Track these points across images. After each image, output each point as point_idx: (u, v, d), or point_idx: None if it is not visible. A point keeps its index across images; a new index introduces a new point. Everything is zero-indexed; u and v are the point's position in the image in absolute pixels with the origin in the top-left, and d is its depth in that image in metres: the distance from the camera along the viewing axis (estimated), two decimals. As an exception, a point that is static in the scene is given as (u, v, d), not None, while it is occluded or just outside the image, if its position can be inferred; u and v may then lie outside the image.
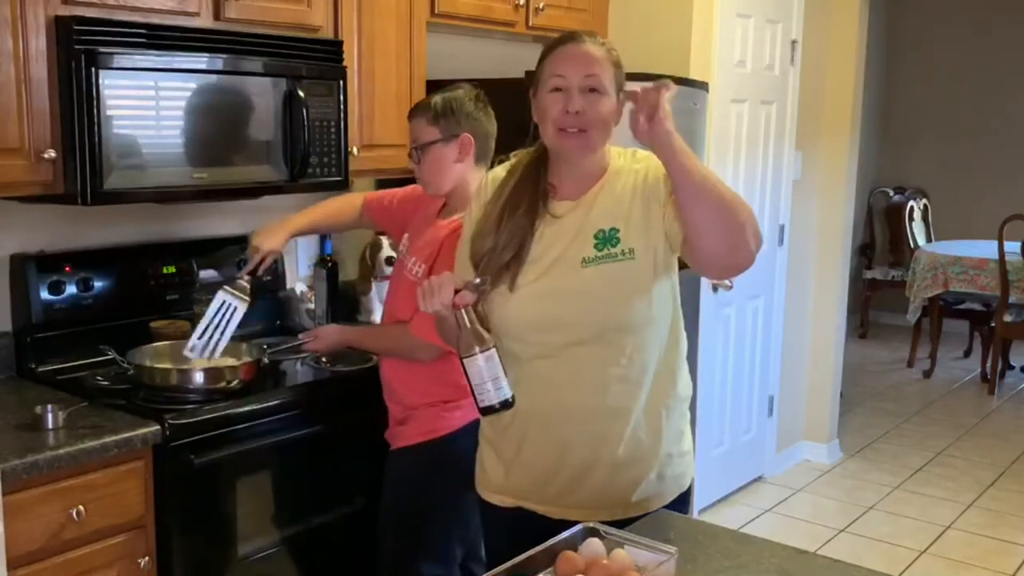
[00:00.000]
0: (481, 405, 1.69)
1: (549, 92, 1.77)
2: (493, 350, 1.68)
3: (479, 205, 1.91)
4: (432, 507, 2.39)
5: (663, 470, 1.87)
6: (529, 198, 1.83)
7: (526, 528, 1.85)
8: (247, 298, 2.43)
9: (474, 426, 2.33)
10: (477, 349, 1.67)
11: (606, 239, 1.77)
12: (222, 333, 2.40)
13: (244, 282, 2.46)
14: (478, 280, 1.74)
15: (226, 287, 2.43)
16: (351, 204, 2.72)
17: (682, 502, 1.92)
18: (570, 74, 1.75)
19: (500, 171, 1.92)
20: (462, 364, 1.69)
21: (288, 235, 2.59)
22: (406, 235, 2.52)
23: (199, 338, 2.38)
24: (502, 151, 2.42)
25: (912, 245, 7.22)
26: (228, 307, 2.41)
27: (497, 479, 1.95)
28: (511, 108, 2.42)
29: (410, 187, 2.62)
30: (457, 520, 2.39)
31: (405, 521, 2.44)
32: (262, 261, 2.51)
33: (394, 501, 2.47)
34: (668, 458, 1.88)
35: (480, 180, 1.99)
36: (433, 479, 2.38)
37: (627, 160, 1.85)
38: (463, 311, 1.69)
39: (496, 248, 1.81)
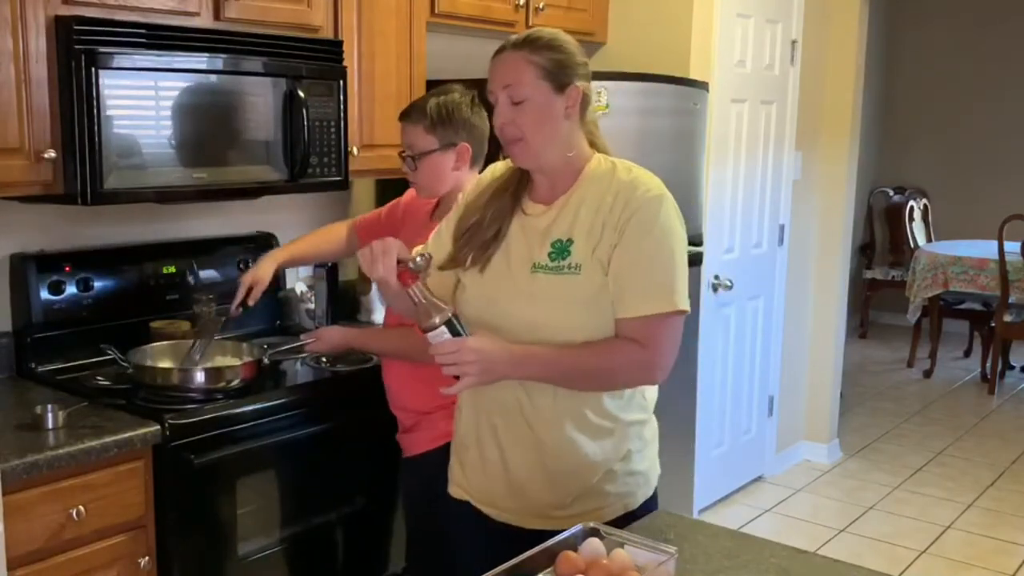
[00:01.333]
0: (455, 374, 1.70)
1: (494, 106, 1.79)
2: (452, 317, 1.68)
3: (476, 190, 1.92)
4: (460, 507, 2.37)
5: (603, 485, 1.83)
6: (514, 188, 1.85)
7: (472, 524, 1.90)
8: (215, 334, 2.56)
9: None
10: (437, 320, 1.67)
11: (561, 249, 1.76)
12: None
13: (219, 320, 2.57)
14: (421, 256, 1.74)
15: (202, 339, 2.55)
16: (336, 233, 2.75)
17: (628, 521, 1.84)
18: (494, 87, 1.76)
19: (501, 165, 1.93)
20: (426, 338, 1.69)
21: (274, 265, 2.64)
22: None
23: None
24: (500, 150, 2.42)
25: (912, 245, 7.23)
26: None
27: (455, 473, 1.98)
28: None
29: (392, 203, 2.64)
30: None
31: (431, 526, 2.43)
32: (250, 292, 2.57)
33: (415, 511, 2.47)
34: (610, 474, 1.83)
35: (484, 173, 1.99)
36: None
37: (606, 171, 1.80)
38: (414, 288, 1.68)
39: (482, 223, 1.82)
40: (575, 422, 1.79)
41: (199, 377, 2.38)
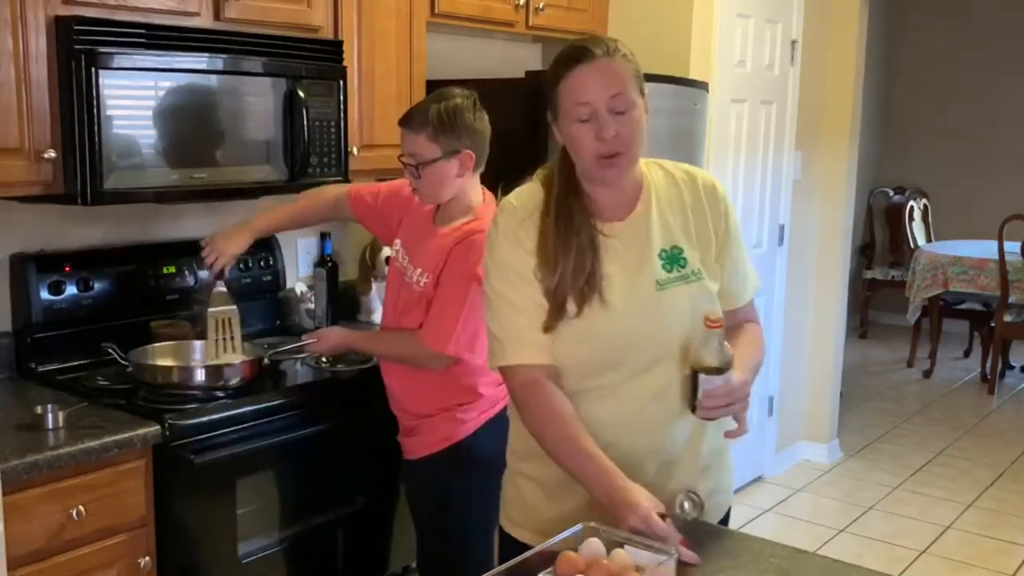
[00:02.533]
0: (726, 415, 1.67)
1: (576, 123, 1.63)
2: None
3: (513, 231, 1.71)
4: (468, 508, 2.37)
5: (724, 476, 1.89)
6: (578, 220, 1.68)
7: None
8: (232, 303, 2.51)
9: (492, 424, 2.33)
10: (719, 363, 1.61)
11: (672, 259, 1.71)
12: (232, 339, 2.50)
13: (221, 290, 2.51)
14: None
15: (211, 309, 2.50)
16: (323, 198, 2.65)
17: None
18: (594, 98, 1.61)
19: (527, 199, 1.73)
20: (707, 381, 1.61)
21: (252, 237, 2.57)
22: (399, 240, 2.50)
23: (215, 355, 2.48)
24: (502, 151, 2.42)
25: (912, 245, 7.23)
26: (223, 320, 2.49)
27: (541, 515, 1.78)
28: (511, 108, 2.42)
29: (394, 184, 2.58)
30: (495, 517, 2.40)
31: (438, 525, 2.43)
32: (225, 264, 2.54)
33: (419, 511, 2.48)
34: (728, 467, 1.91)
35: (497, 210, 1.77)
36: (462, 481, 2.36)
37: (657, 172, 1.77)
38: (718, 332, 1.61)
39: (564, 278, 1.65)
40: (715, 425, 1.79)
41: (199, 377, 2.38)
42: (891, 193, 7.78)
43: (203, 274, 2.81)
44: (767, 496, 4.42)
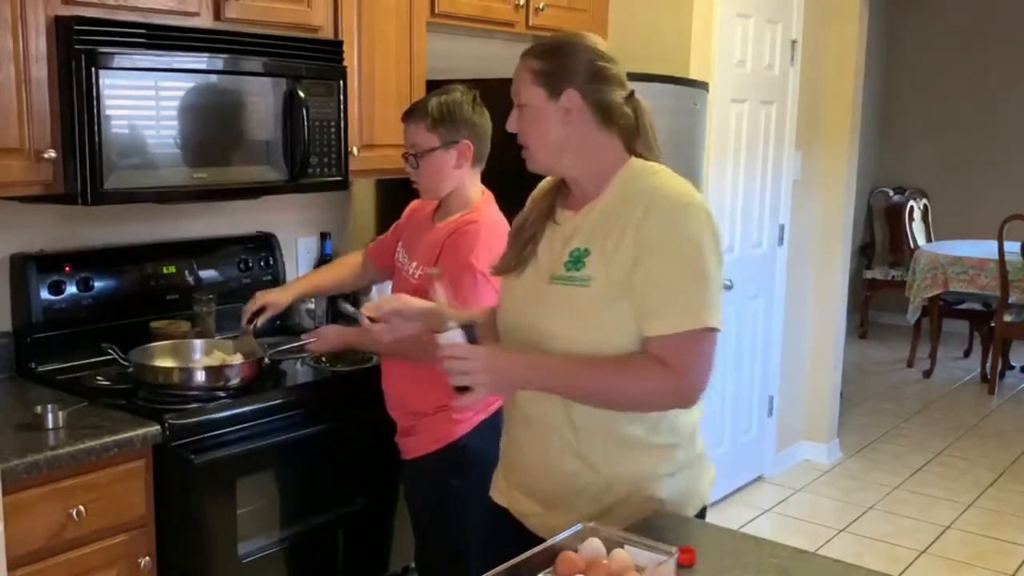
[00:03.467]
0: (464, 383, 1.67)
1: None
2: (471, 323, 1.73)
3: (531, 199, 1.92)
4: (466, 508, 2.37)
5: (604, 498, 1.74)
6: (552, 195, 1.84)
7: (507, 531, 1.85)
8: (254, 349, 2.56)
9: (488, 424, 2.33)
10: (451, 321, 1.71)
11: (576, 259, 1.70)
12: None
13: (247, 337, 2.59)
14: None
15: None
16: (352, 262, 2.80)
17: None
18: (513, 95, 1.79)
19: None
20: (436, 340, 1.70)
21: (292, 296, 2.70)
22: (400, 244, 2.51)
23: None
24: (502, 150, 2.42)
25: (912, 245, 7.23)
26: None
27: (498, 480, 1.96)
28: (511, 108, 2.42)
29: (395, 223, 2.66)
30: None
31: (437, 524, 2.43)
32: (261, 311, 2.60)
33: (418, 511, 2.48)
34: (608, 490, 1.74)
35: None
36: (459, 480, 2.36)
37: (630, 178, 1.72)
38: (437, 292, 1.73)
39: (526, 222, 1.83)
40: (606, 440, 1.73)
41: (199, 377, 2.38)
42: (891, 193, 7.78)
43: (209, 272, 2.86)
44: (767, 496, 4.42)
